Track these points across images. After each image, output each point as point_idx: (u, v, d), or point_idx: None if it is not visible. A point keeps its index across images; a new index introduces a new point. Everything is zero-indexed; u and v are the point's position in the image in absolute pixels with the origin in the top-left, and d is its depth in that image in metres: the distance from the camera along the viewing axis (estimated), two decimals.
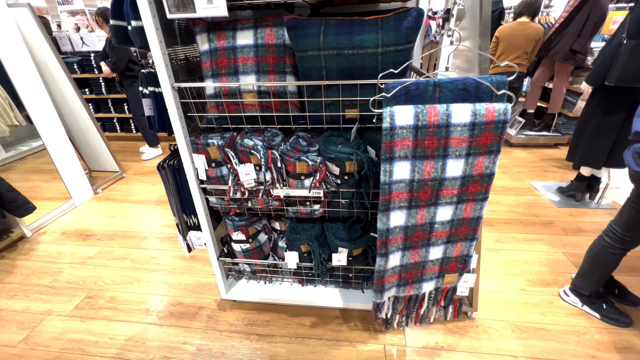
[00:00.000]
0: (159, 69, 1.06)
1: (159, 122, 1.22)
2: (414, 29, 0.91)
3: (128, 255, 2.11)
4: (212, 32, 1.07)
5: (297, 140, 1.20)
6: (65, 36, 4.22)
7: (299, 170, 1.15)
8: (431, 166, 0.89)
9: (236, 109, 1.15)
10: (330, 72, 1.00)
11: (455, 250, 1.07)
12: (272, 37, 1.05)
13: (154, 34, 1.00)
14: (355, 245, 1.30)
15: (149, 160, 3.72)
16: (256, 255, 1.49)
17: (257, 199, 1.29)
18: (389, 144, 0.85)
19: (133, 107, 3.55)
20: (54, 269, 2.01)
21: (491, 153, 0.88)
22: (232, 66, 1.07)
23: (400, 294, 1.16)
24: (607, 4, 2.92)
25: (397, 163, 0.88)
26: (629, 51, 1.86)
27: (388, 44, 0.92)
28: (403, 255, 1.06)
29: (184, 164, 1.23)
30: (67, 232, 2.41)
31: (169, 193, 1.35)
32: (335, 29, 0.93)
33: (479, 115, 0.82)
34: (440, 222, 0.99)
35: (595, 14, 2.93)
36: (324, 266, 1.37)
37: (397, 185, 0.91)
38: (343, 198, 1.23)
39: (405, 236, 1.01)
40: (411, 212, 0.96)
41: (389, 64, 0.96)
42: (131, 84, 3.40)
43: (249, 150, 1.14)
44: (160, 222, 2.48)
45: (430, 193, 0.93)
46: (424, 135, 0.85)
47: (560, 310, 1.59)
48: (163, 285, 1.84)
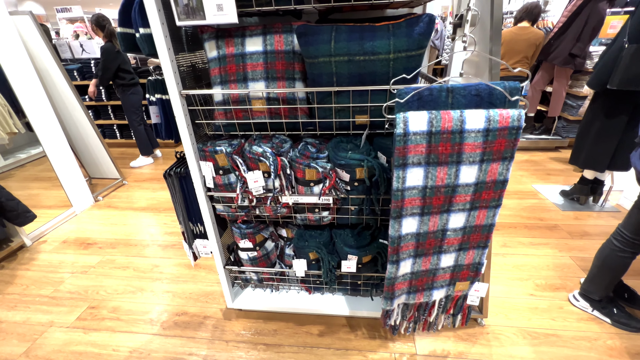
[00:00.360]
0: (167, 76, 1.05)
1: (166, 129, 1.20)
2: (425, 34, 0.90)
3: (130, 264, 2.08)
4: (221, 39, 1.07)
5: (306, 147, 1.19)
6: (65, 43, 4.22)
7: (309, 177, 1.14)
8: (444, 172, 0.88)
9: (244, 115, 1.14)
10: (341, 78, 0.99)
11: (467, 258, 1.05)
12: (281, 43, 1.04)
13: (163, 41, 0.99)
14: (365, 253, 1.28)
15: (137, 168, 3.69)
16: (263, 263, 1.47)
17: (265, 207, 1.28)
18: (402, 150, 0.84)
19: (128, 115, 3.53)
20: (55, 278, 1.97)
21: (505, 159, 0.87)
22: (241, 73, 1.06)
23: (410, 301, 1.15)
24: (605, 9, 2.95)
25: (410, 169, 0.87)
26: (631, 55, 1.88)
27: (400, 49, 0.91)
28: (414, 262, 1.04)
29: (191, 172, 1.22)
30: (67, 240, 2.37)
31: (175, 201, 1.33)
32: (346, 35, 0.92)
33: (492, 122, 0.81)
34: (453, 229, 0.98)
35: (594, 18, 2.96)
36: (332, 274, 1.35)
37: (410, 191, 0.90)
38: (352, 205, 1.22)
39: (417, 243, 1.00)
40: (423, 219, 0.95)
41: (400, 70, 0.95)
42: (123, 92, 3.39)
43: (257, 157, 1.13)
44: (162, 230, 2.46)
45: (443, 200, 0.92)
46: (437, 142, 0.84)
47: (571, 316, 1.58)
48: (167, 295, 1.81)
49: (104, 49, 3.12)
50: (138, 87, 3.46)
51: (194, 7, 0.93)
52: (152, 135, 3.79)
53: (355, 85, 0.99)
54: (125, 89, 3.38)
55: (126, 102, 3.45)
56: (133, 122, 3.54)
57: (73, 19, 7.72)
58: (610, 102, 2.13)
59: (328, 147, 1.17)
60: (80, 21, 7.54)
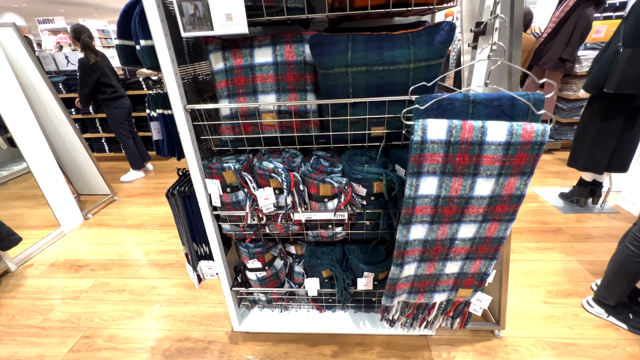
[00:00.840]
0: (170, 90, 0.98)
1: (168, 146, 1.13)
2: (446, 43, 0.87)
3: (126, 287, 1.96)
4: (228, 50, 1.01)
5: (318, 161, 1.13)
6: (49, 55, 4.08)
7: (323, 192, 1.08)
8: (459, 184, 0.84)
9: (254, 130, 1.08)
10: (357, 90, 0.94)
11: (473, 267, 1.02)
12: (292, 54, 0.99)
13: (166, 54, 0.93)
14: (382, 269, 1.23)
15: (128, 182, 3.55)
16: (272, 283, 1.39)
17: (275, 224, 1.21)
18: (418, 158, 0.80)
19: (114, 129, 3.40)
20: (44, 306, 1.84)
21: (524, 174, 0.83)
22: (251, 85, 1.01)
23: (410, 300, 1.11)
24: (592, 14, 3.04)
25: (424, 178, 0.83)
26: (627, 59, 1.91)
27: (420, 59, 0.87)
28: (419, 266, 1.00)
29: (196, 191, 1.14)
30: (56, 263, 2.23)
31: (178, 221, 1.25)
32: (364, 45, 0.88)
33: (515, 135, 0.78)
34: (462, 239, 0.94)
35: (582, 23, 3.03)
36: (347, 292, 1.29)
37: (422, 200, 0.86)
38: (368, 219, 1.16)
39: (423, 249, 0.96)
40: (433, 227, 0.91)
41: (420, 80, 0.91)
42: (106, 106, 3.28)
43: (268, 173, 1.06)
44: (158, 248, 2.34)
45: (455, 210, 0.88)
46: (455, 152, 0.80)
47: (587, 323, 1.55)
48: (167, 319, 1.70)
49: (79, 62, 3.01)
50: (122, 100, 3.34)
51: (200, 17, 0.87)
52: (142, 147, 3.67)
53: (373, 96, 0.95)
54: (108, 103, 3.26)
55: (110, 116, 3.33)
56: (120, 136, 3.41)
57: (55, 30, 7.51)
58: (606, 105, 2.15)
59: (342, 161, 1.11)
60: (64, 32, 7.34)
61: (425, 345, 1.47)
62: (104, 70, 3.09)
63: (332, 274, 1.28)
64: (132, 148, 3.49)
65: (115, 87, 3.23)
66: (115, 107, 3.28)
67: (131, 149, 3.48)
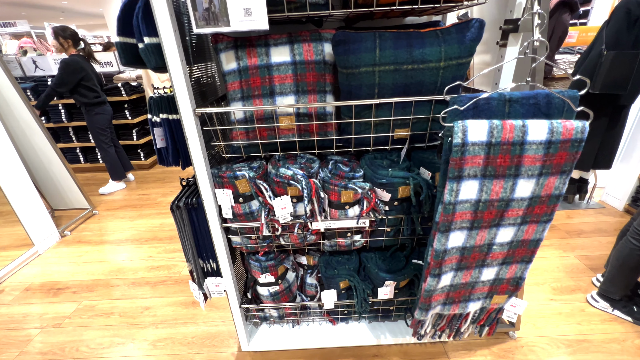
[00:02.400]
0: (178, 93, 0.89)
1: (173, 154, 1.03)
2: (476, 40, 0.84)
3: (115, 309, 1.79)
4: (241, 49, 0.93)
5: (337, 166, 1.07)
6: (14, 60, 3.77)
7: (345, 199, 1.02)
8: (500, 186, 0.81)
9: (269, 134, 1.00)
10: (383, 90, 0.90)
11: (508, 272, 1.00)
12: (310, 53, 0.93)
13: (175, 52, 0.84)
14: (403, 277, 1.18)
15: (108, 194, 3.33)
16: (285, 298, 1.30)
17: (290, 235, 1.13)
18: (459, 162, 0.77)
19: (94, 137, 3.19)
20: (20, 337, 1.64)
21: (563, 173, 0.82)
22: (268, 86, 0.93)
23: (444, 312, 1.07)
24: (568, 20, 3.20)
25: (464, 182, 0.79)
26: (610, 61, 2.00)
27: (451, 57, 0.84)
28: (455, 275, 0.97)
29: (205, 202, 1.05)
30: (31, 287, 2.01)
31: (183, 237, 1.14)
32: (392, 42, 0.83)
33: (556, 133, 0.76)
34: (500, 243, 0.91)
35: (559, 29, 3.19)
36: (367, 303, 1.23)
37: (462, 205, 0.82)
38: (389, 226, 1.11)
39: (461, 257, 0.92)
40: (471, 233, 0.88)
41: (448, 79, 0.88)
42: (87, 111, 3.06)
43: (287, 181, 0.99)
44: (147, 264, 2.18)
45: (495, 214, 0.85)
46: (496, 153, 0.77)
47: (594, 318, 1.58)
48: (165, 342, 1.56)
49: (64, 61, 2.80)
50: (105, 106, 3.14)
51: (216, 12, 0.79)
52: (124, 156, 3.45)
53: (399, 96, 0.90)
54: (90, 109, 3.04)
55: (91, 122, 3.11)
56: (101, 144, 3.19)
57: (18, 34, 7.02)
58: (591, 106, 2.25)
59: (362, 165, 1.06)
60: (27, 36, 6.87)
61: (443, 352, 1.44)
62: (89, 73, 2.90)
63: (351, 284, 1.21)
64: (114, 157, 3.28)
65: (98, 92, 3.04)
66: (97, 114, 3.08)
67: (113, 158, 3.27)
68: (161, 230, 2.59)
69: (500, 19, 1.04)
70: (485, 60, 1.27)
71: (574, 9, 3.21)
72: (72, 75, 2.83)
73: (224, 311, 1.73)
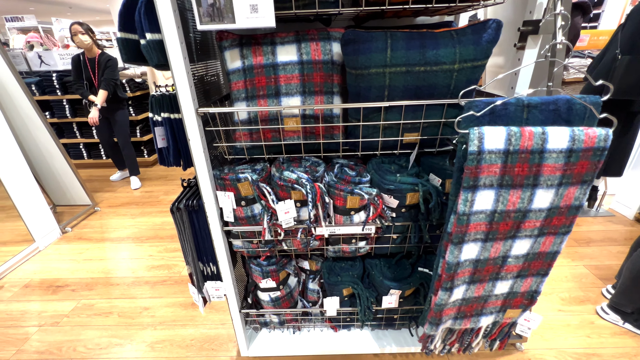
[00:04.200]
0: (180, 91, 0.86)
1: (174, 154, 1.00)
2: (493, 42, 0.80)
3: (113, 309, 1.77)
4: (246, 47, 0.90)
5: (343, 170, 1.04)
6: (20, 54, 3.77)
7: (350, 204, 0.98)
8: (517, 196, 0.77)
9: (274, 136, 0.97)
10: (394, 92, 0.86)
11: (523, 286, 0.95)
12: (318, 52, 0.89)
13: (178, 49, 0.81)
14: (409, 286, 1.14)
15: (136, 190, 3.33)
16: (286, 304, 1.27)
17: (293, 240, 1.10)
18: (474, 171, 0.73)
19: (125, 133, 3.18)
20: (18, 335, 1.62)
21: (584, 183, 0.77)
22: (273, 86, 0.90)
23: (455, 326, 1.03)
24: (580, 24, 3.14)
25: (480, 192, 0.75)
26: (625, 66, 1.95)
27: (466, 59, 0.80)
28: (467, 289, 0.93)
29: (206, 204, 1.01)
30: (30, 284, 2.00)
31: (183, 239, 1.11)
32: (405, 43, 0.80)
33: (577, 141, 0.72)
34: (515, 256, 0.87)
35: (571, 32, 3.13)
36: (370, 311, 1.19)
37: (477, 216, 0.78)
38: (396, 233, 1.07)
39: (474, 270, 0.88)
40: (486, 245, 0.84)
41: (462, 82, 0.84)
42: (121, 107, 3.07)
43: (290, 184, 0.95)
44: (148, 263, 2.15)
45: (511, 225, 0.81)
46: (514, 162, 0.73)
47: (604, 331, 1.53)
48: (163, 345, 1.54)
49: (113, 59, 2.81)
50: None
51: (221, 7, 0.76)
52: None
53: (410, 99, 0.86)
54: (124, 104, 3.09)
55: (123, 117, 3.12)
56: (129, 139, 3.22)
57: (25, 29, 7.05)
58: (603, 111, 2.19)
59: (369, 170, 1.02)
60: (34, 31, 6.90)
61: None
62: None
63: (355, 292, 1.18)
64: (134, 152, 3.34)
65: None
66: (127, 108, 3.13)
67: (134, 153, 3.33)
68: (162, 229, 2.57)
69: (516, 19, 1.00)
70: (497, 63, 1.22)
71: (587, 12, 3.14)
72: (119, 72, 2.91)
73: (224, 313, 1.70)
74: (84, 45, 2.71)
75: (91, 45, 2.74)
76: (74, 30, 2.67)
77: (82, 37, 2.66)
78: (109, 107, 2.97)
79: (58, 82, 3.49)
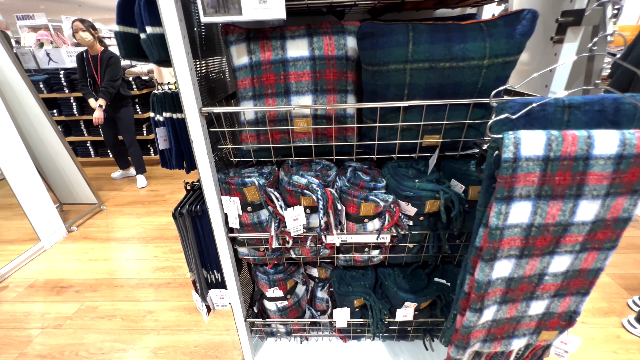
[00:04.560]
0: (183, 90, 0.79)
1: (177, 156, 0.94)
2: (528, 35, 0.72)
3: (117, 312, 1.73)
4: (254, 42, 0.83)
5: (356, 174, 0.97)
6: (28, 52, 3.78)
7: (364, 212, 0.91)
8: (558, 208, 0.69)
9: (282, 137, 0.90)
10: (414, 91, 0.78)
11: (561, 306, 0.87)
12: (331, 47, 0.82)
13: (180, 44, 0.75)
14: (425, 298, 1.06)
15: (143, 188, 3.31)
16: (294, 313, 1.21)
17: (302, 248, 1.03)
18: (509, 180, 0.65)
19: (130, 131, 3.15)
20: (20, 337, 1.59)
21: (635, 193, 0.69)
22: (282, 84, 0.83)
23: (484, 350, 0.95)
24: None
25: (515, 203, 0.67)
26: None
27: (497, 54, 0.72)
28: (498, 309, 0.84)
29: (210, 210, 0.95)
30: (35, 284, 1.98)
31: (186, 245, 1.05)
32: (428, 36, 0.72)
33: (628, 146, 0.63)
34: (553, 273, 0.79)
35: None
36: (383, 324, 1.12)
37: (512, 230, 0.70)
38: (412, 242, 1.00)
39: (506, 289, 0.80)
40: (521, 262, 0.76)
41: (492, 79, 0.76)
42: (126, 105, 3.04)
43: (300, 190, 0.89)
44: (152, 265, 2.12)
45: (550, 240, 0.73)
46: (555, 170, 0.65)
47: (632, 346, 1.43)
48: (166, 350, 1.49)
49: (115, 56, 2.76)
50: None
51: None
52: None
53: (432, 98, 0.79)
54: (128, 102, 3.06)
55: (129, 115, 3.09)
56: (134, 137, 3.20)
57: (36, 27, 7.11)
58: None
59: (385, 174, 0.95)
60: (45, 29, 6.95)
61: None
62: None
63: (367, 303, 1.11)
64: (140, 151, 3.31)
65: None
66: (132, 106, 3.11)
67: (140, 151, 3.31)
68: (167, 229, 2.53)
69: (546, 9, 0.91)
70: (522, 59, 1.13)
71: None
72: (122, 69, 2.86)
73: (229, 319, 1.65)
74: (85, 42, 2.69)
75: (93, 42, 2.71)
76: (75, 27, 2.64)
77: (82, 34, 2.64)
78: (113, 105, 2.94)
79: (65, 80, 3.48)
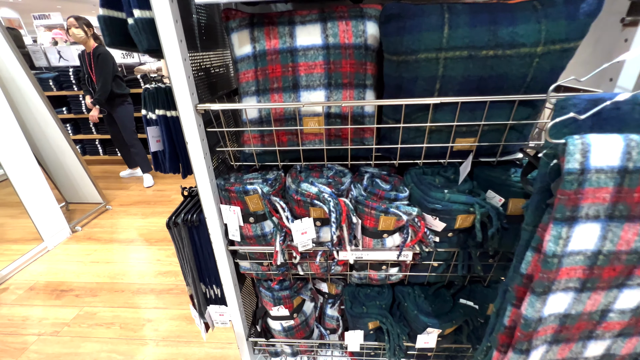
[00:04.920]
0: (176, 84, 0.69)
1: (171, 158, 0.83)
2: (593, 15, 0.58)
3: (116, 319, 1.66)
4: (258, 28, 0.72)
5: (374, 182, 0.84)
6: (40, 49, 3.78)
7: (383, 226, 0.79)
8: (635, 232, 0.55)
9: (290, 139, 0.79)
10: (447, 85, 0.65)
11: (625, 347, 0.72)
12: (349, 34, 0.70)
13: (172, 30, 0.64)
14: (450, 323, 0.93)
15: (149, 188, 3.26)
16: (301, 333, 1.09)
17: (311, 263, 0.91)
18: (573, 197, 0.51)
19: (128, 129, 3.07)
20: (16, 344, 1.53)
21: None
22: (290, 77, 0.71)
23: None
24: None
25: (580, 225, 0.53)
26: None
27: (554, 39, 0.58)
28: (548, 349, 0.70)
29: (208, 220, 0.85)
30: (36, 287, 1.92)
31: (181, 258, 0.95)
32: (468, 18, 0.59)
33: None
34: (620, 310, 0.64)
35: None
36: (401, 350, 0.99)
37: (573, 258, 0.56)
38: (438, 260, 0.87)
39: (560, 327, 0.66)
40: (581, 297, 0.62)
41: (545, 71, 0.62)
42: (121, 102, 2.96)
43: (310, 200, 0.77)
44: (155, 269, 2.04)
45: (621, 271, 0.59)
46: (633, 185, 0.51)
47: None
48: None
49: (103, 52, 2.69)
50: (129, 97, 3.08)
51: None
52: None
53: (469, 94, 0.66)
54: (124, 99, 2.99)
55: (126, 113, 3.01)
56: (135, 136, 3.13)
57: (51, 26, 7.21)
58: None
59: (408, 182, 0.82)
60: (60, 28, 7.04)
61: None
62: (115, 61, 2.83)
63: (383, 327, 0.98)
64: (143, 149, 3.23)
65: (123, 80, 2.97)
66: (130, 104, 3.03)
67: (143, 150, 3.23)
68: None
69: None
70: None
71: None
72: (114, 66, 2.79)
73: (231, 331, 1.55)
74: (77, 39, 2.65)
75: (85, 39, 2.66)
76: (69, 23, 2.60)
77: (75, 30, 2.59)
78: (109, 103, 2.90)
79: (74, 78, 3.46)
